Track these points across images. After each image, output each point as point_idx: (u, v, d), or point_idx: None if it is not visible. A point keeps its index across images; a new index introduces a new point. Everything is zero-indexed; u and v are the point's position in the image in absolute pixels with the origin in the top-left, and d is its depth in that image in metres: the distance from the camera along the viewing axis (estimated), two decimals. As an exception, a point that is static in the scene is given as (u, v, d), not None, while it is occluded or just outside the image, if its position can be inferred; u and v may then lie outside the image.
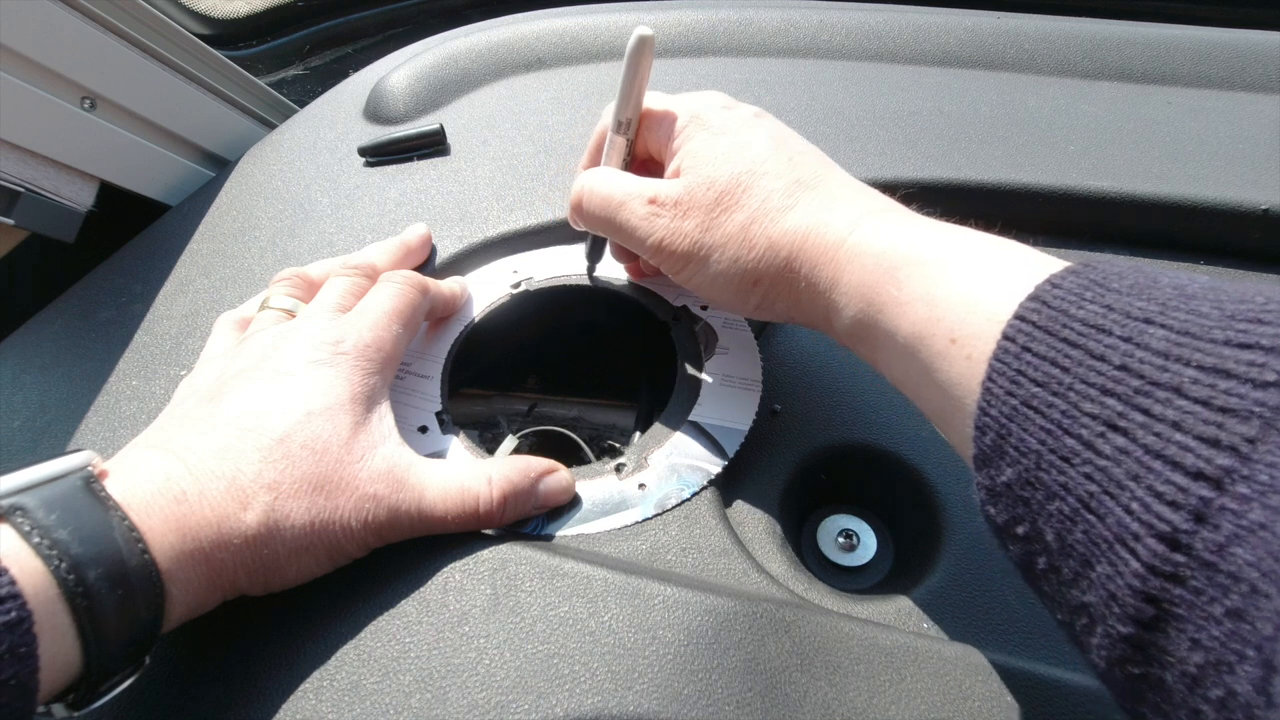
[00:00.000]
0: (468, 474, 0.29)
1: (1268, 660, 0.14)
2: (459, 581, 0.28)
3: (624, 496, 0.32)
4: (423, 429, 0.34)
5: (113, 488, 0.23)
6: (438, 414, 0.34)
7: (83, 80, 0.41)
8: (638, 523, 0.31)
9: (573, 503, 0.32)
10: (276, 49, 0.75)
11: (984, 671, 0.26)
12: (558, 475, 0.31)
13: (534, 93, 0.51)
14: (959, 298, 0.23)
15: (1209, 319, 0.17)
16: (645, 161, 0.35)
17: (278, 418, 0.27)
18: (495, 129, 0.48)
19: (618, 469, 0.33)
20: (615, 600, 0.27)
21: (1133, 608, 0.16)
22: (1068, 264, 0.22)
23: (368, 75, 0.54)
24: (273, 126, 0.52)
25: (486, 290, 0.39)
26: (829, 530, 0.35)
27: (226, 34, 0.73)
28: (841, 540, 0.34)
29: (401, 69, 0.51)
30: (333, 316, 0.32)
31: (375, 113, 0.50)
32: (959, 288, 0.23)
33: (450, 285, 0.38)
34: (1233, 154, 0.46)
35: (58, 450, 0.26)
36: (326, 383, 0.29)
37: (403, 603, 0.27)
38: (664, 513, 0.31)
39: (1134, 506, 0.16)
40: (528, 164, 0.46)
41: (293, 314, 0.33)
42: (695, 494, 0.32)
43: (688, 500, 0.32)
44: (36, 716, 0.20)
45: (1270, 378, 0.15)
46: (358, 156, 0.47)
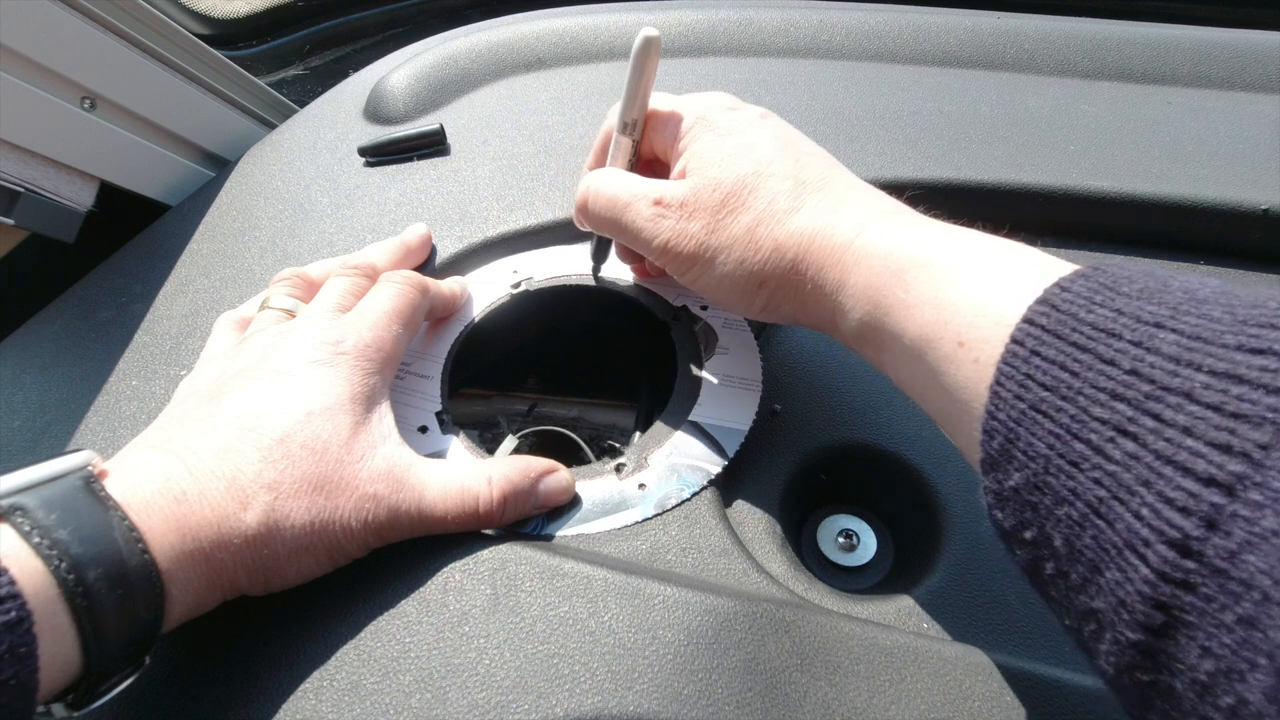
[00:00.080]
0: (468, 474, 0.29)
1: (1279, 669, 0.13)
2: (459, 581, 0.28)
3: (624, 496, 0.32)
4: (423, 429, 0.34)
5: (112, 488, 0.23)
6: (438, 414, 0.34)
7: (83, 80, 0.41)
8: (638, 523, 0.31)
9: (573, 503, 0.32)
10: (276, 49, 0.75)
11: (984, 671, 0.26)
12: (558, 475, 0.31)
13: (534, 93, 0.51)
14: (967, 301, 0.23)
15: (1221, 324, 0.17)
16: (651, 162, 0.35)
17: (278, 418, 0.27)
18: (495, 129, 0.48)
19: (618, 469, 0.33)
20: (615, 600, 0.27)
21: (1142, 614, 0.16)
22: (1077, 267, 0.22)
23: (368, 75, 0.54)
24: (273, 126, 0.52)
25: (486, 290, 0.39)
26: (829, 530, 0.35)
27: (226, 34, 0.73)
28: (841, 540, 0.34)
29: (401, 69, 0.51)
30: (333, 316, 0.32)
31: (375, 113, 0.50)
32: (967, 291, 0.23)
33: (450, 285, 0.38)
34: (1233, 154, 0.46)
35: (58, 450, 0.26)
36: (326, 383, 0.29)
37: (403, 603, 0.27)
38: (664, 513, 0.31)
39: (1144, 512, 0.16)
40: (528, 164, 0.46)
41: (293, 314, 0.33)
42: (695, 494, 0.32)
43: (688, 500, 0.32)
44: (36, 716, 0.20)
45: None
46: (358, 156, 0.47)
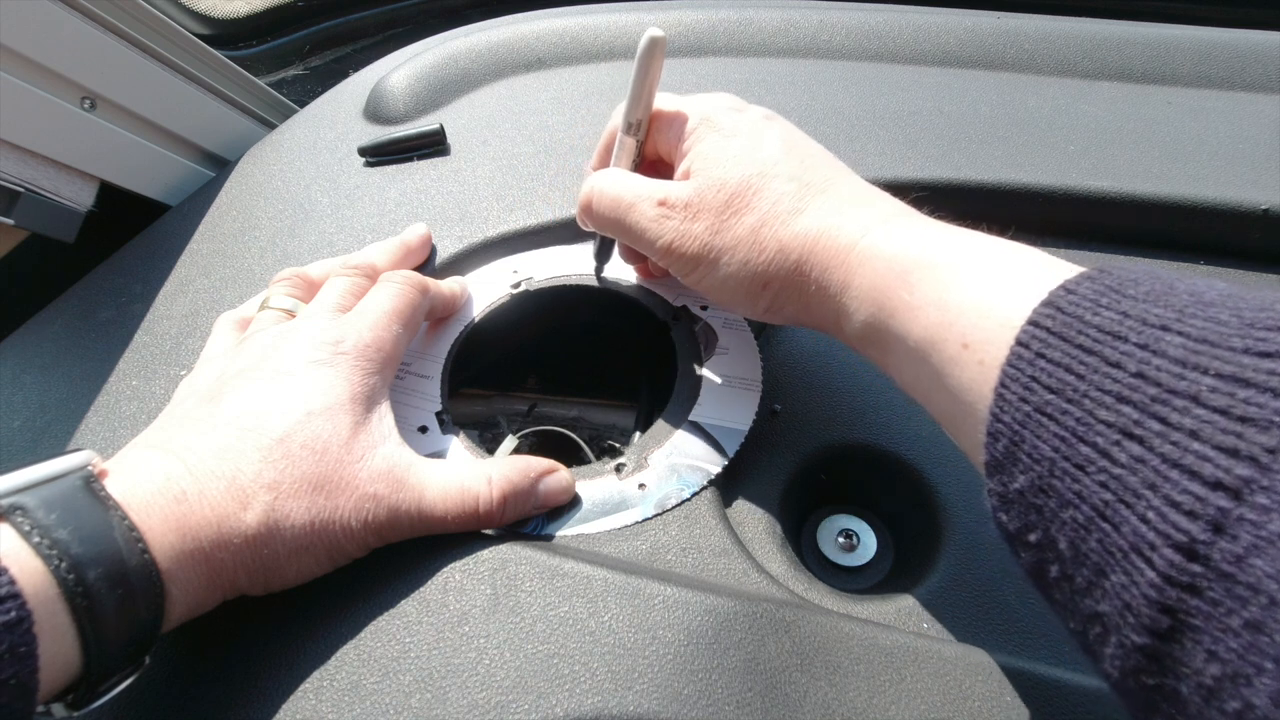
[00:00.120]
0: (468, 474, 0.29)
1: None
2: (459, 581, 0.28)
3: (624, 496, 0.32)
4: (423, 429, 0.34)
5: (112, 487, 0.23)
6: (438, 414, 0.34)
7: (83, 80, 0.41)
8: (638, 523, 0.31)
9: (573, 503, 0.32)
10: (276, 49, 0.75)
11: (984, 671, 0.26)
12: (558, 475, 0.31)
13: (534, 93, 0.51)
14: (971, 302, 0.23)
15: (1227, 326, 0.17)
16: (655, 163, 0.35)
17: (278, 418, 0.27)
18: (495, 129, 0.48)
19: (618, 469, 0.33)
20: (615, 600, 0.27)
21: (1148, 618, 0.16)
22: (1082, 269, 0.21)
23: (368, 75, 0.54)
24: (273, 126, 0.52)
25: (486, 290, 0.39)
26: (829, 530, 0.35)
27: (226, 34, 0.73)
28: (841, 540, 0.34)
29: (401, 69, 0.51)
30: (333, 316, 0.32)
31: (375, 113, 0.50)
32: (972, 292, 0.23)
33: (450, 285, 0.38)
34: (1233, 154, 0.46)
35: (58, 450, 0.26)
36: (326, 383, 0.29)
37: (403, 603, 0.27)
38: (664, 513, 0.31)
39: (1150, 516, 0.16)
40: (528, 164, 0.46)
41: (293, 314, 0.33)
42: (695, 494, 0.32)
43: (688, 500, 0.32)
44: (36, 716, 0.20)
45: None
46: (358, 156, 0.47)
